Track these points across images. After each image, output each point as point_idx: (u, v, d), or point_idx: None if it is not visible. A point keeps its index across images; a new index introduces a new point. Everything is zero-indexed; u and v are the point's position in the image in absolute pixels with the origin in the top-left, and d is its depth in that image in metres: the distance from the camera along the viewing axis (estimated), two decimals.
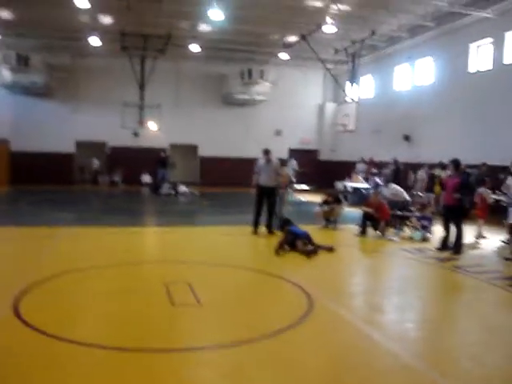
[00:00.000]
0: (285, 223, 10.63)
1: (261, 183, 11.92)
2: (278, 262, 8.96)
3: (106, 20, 20.27)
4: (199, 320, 5.67)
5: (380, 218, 11.87)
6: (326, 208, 13.01)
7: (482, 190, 12.09)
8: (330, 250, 9.87)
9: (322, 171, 28.11)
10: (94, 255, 9.06)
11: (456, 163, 10.50)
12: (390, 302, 6.95)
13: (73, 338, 4.87)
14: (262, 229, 11.86)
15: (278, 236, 10.71)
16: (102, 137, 26.10)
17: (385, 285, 8.15)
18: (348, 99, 23.68)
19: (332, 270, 8.80)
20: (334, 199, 13.25)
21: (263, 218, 11.95)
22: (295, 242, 9.72)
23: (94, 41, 22.31)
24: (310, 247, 9.61)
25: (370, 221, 12.10)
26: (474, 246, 11.29)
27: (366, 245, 11.47)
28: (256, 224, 11.81)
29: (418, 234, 11.82)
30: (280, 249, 9.61)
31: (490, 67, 17.55)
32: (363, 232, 12.06)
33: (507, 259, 9.67)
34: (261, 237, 11.55)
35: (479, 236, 12.10)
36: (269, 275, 7.86)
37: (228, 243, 10.84)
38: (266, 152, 11.99)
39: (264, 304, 6.46)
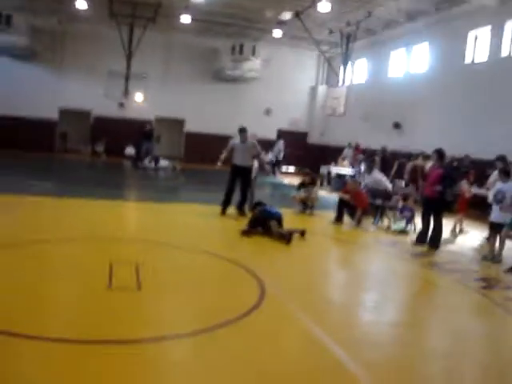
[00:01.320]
0: (257, 204, 10.10)
1: (236, 162, 11.34)
2: (240, 247, 8.42)
3: None
4: (133, 308, 5.12)
5: (356, 205, 11.32)
6: (302, 194, 12.45)
7: (462, 182, 11.56)
8: (302, 234, 9.36)
9: (310, 154, 27.39)
10: (52, 227, 8.52)
11: (440, 153, 9.94)
12: (349, 300, 6.43)
13: None
14: (231, 210, 11.27)
15: (249, 218, 10.12)
16: (86, 105, 25.11)
17: (349, 280, 7.61)
18: (340, 83, 23.00)
19: (297, 259, 8.23)
20: (311, 180, 12.72)
21: (235, 199, 11.36)
22: (268, 223, 9.15)
23: (81, 4, 21.35)
24: (283, 230, 9.04)
25: (346, 208, 11.55)
26: (452, 242, 10.82)
27: (339, 234, 10.92)
28: (225, 204, 11.19)
29: (397, 226, 11.30)
30: (248, 231, 9.10)
31: (486, 59, 16.90)
32: (339, 220, 11.51)
33: (484, 258, 9.18)
34: (230, 218, 10.92)
35: (459, 231, 11.64)
36: (225, 260, 7.27)
37: (195, 223, 10.20)
38: (242, 130, 11.37)
39: (211, 293, 5.88)
